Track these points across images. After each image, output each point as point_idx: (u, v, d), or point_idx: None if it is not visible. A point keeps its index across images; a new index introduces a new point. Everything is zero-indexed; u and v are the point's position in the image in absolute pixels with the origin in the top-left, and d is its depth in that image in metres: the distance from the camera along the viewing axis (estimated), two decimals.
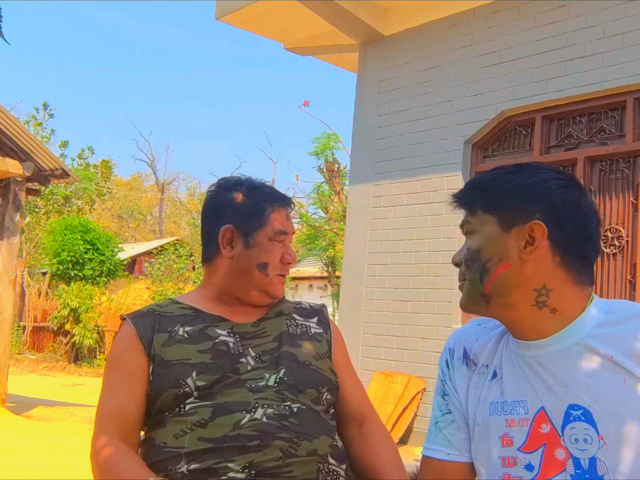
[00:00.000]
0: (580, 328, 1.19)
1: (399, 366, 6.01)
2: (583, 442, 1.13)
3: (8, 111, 7.84)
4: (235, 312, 1.63)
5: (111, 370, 1.55)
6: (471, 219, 1.26)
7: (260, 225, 1.60)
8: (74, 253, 15.31)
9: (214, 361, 1.51)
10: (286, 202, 1.67)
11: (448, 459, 1.30)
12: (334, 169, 13.43)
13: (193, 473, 1.39)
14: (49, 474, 5.08)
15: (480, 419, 1.25)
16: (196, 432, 1.43)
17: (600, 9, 5.13)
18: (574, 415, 1.15)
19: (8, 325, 7.87)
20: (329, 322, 1.73)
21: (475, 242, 1.24)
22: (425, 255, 5.98)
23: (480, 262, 1.22)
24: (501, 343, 1.29)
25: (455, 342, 1.36)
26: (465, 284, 1.26)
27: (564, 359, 1.18)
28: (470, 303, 1.26)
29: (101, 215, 31.79)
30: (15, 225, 7.82)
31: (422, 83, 6.26)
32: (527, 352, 1.22)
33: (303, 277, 21.86)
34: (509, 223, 1.21)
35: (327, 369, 1.61)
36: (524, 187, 1.22)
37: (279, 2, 6.60)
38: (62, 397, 10.19)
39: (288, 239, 1.64)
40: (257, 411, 1.44)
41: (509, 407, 1.22)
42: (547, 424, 1.17)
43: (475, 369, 1.30)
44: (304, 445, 1.44)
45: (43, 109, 23.70)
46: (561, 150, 5.43)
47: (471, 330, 1.36)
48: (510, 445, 1.19)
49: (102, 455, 1.44)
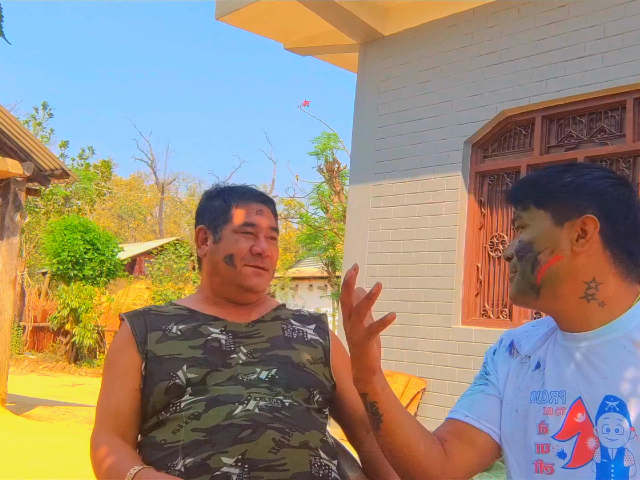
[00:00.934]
0: (626, 322, 1.21)
1: (399, 366, 6.01)
2: (615, 432, 1.16)
3: (8, 111, 7.84)
4: (229, 312, 1.66)
5: (107, 370, 1.60)
6: (523, 214, 1.29)
7: (226, 220, 1.67)
8: (74, 253, 15.30)
9: (205, 356, 1.54)
10: (254, 198, 1.70)
11: (464, 420, 1.31)
12: (334, 169, 13.43)
13: (189, 470, 1.40)
14: (49, 474, 5.08)
15: (520, 406, 1.28)
16: (191, 424, 1.45)
17: (600, 9, 5.13)
18: (609, 406, 1.17)
19: (8, 325, 7.87)
20: (327, 330, 1.74)
21: (528, 235, 1.27)
22: (425, 255, 5.98)
23: (532, 253, 1.25)
24: (550, 337, 1.32)
25: (506, 335, 1.41)
26: (516, 276, 1.28)
27: (608, 351, 1.20)
28: (520, 294, 1.29)
29: (101, 215, 31.79)
30: (15, 225, 7.82)
31: (422, 83, 6.26)
32: (572, 343, 1.25)
33: (303, 277, 21.87)
34: (562, 217, 1.24)
35: (320, 373, 1.62)
36: (578, 184, 1.26)
37: (279, 2, 6.61)
38: (62, 397, 10.19)
39: (260, 231, 1.66)
40: (250, 403, 1.47)
41: (548, 396, 1.25)
42: (582, 413, 1.20)
43: (518, 357, 1.34)
44: (296, 436, 1.45)
45: (43, 109, 23.69)
46: (561, 150, 5.43)
47: (524, 328, 1.40)
48: (546, 432, 1.22)
49: (98, 450, 1.48)
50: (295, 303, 20.24)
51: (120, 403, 1.53)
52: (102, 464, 1.45)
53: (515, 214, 1.32)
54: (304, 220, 15.83)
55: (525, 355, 1.33)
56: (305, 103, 14.02)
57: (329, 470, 1.48)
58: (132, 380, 1.54)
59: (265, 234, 1.67)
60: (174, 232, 32.72)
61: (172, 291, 16.44)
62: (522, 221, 1.29)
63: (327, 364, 1.66)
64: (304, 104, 14.03)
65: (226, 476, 1.37)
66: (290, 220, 24.06)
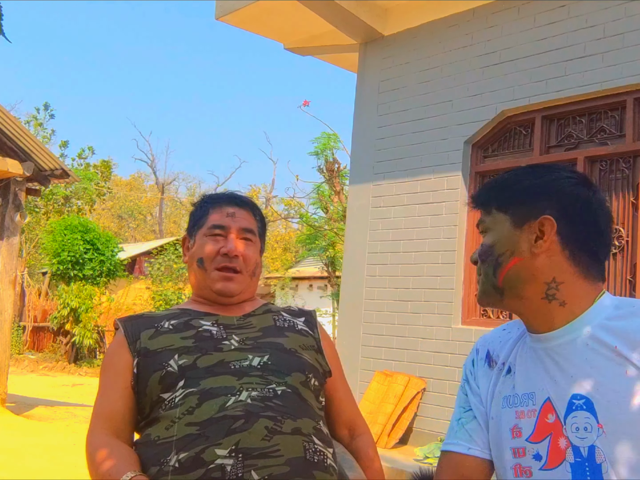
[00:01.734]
0: (588, 320, 1.22)
1: (399, 366, 6.01)
2: (583, 430, 1.16)
3: (8, 111, 7.84)
4: (220, 309, 1.69)
5: (102, 373, 1.64)
6: (486, 218, 1.32)
7: (200, 226, 1.72)
8: (74, 253, 15.30)
9: (197, 344, 1.57)
10: (227, 202, 1.72)
11: (469, 453, 1.31)
12: (334, 169, 13.43)
13: (183, 465, 1.40)
14: (49, 474, 5.08)
15: (495, 413, 1.29)
16: (184, 419, 1.46)
17: (600, 9, 5.13)
18: (576, 405, 1.18)
19: (8, 325, 7.86)
20: (316, 323, 1.77)
21: (489, 239, 1.30)
22: (425, 255, 5.98)
23: (493, 256, 1.28)
24: (519, 341, 1.33)
25: (481, 344, 1.41)
26: (480, 278, 1.32)
27: (572, 350, 1.21)
28: (485, 295, 1.32)
29: (101, 215, 31.78)
30: (15, 225, 7.81)
31: (422, 83, 6.26)
32: (538, 344, 1.26)
33: (303, 277, 21.86)
34: (521, 220, 1.26)
35: (313, 359, 1.64)
36: (536, 185, 1.27)
37: (279, 2, 6.60)
38: (62, 397, 10.19)
39: (229, 232, 1.68)
40: (242, 394, 1.47)
41: (519, 399, 1.25)
42: (552, 414, 1.20)
43: (496, 367, 1.35)
44: (288, 422, 1.46)
45: (44, 110, 23.69)
46: (561, 150, 5.43)
47: (496, 334, 1.41)
48: (520, 436, 1.23)
49: (95, 452, 1.49)
50: (296, 303, 20.23)
51: (114, 403, 1.56)
52: (99, 466, 1.45)
53: (479, 218, 1.35)
54: (304, 220, 15.84)
55: (501, 363, 1.34)
56: (305, 103, 14.01)
57: (324, 457, 1.48)
58: (124, 380, 1.57)
59: (236, 235, 1.68)
60: (174, 232, 32.71)
61: (172, 291, 16.45)
62: (484, 225, 1.32)
63: (319, 351, 1.69)
64: (304, 104, 14.03)
65: (221, 468, 1.37)
66: (290, 220, 24.08)
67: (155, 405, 1.52)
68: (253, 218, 1.74)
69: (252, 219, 1.73)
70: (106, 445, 1.48)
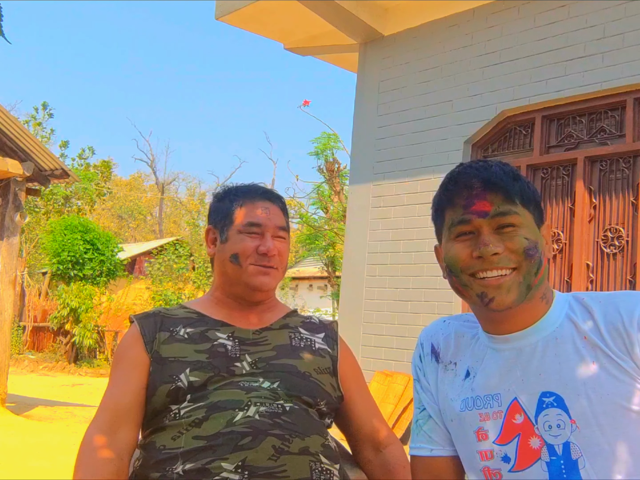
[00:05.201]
0: (555, 317, 1.21)
1: (399, 366, 6.01)
2: (556, 427, 1.15)
3: (8, 111, 7.83)
4: (237, 316, 1.65)
5: (114, 367, 1.61)
6: (515, 209, 1.18)
7: (232, 221, 1.66)
8: (74, 253, 15.30)
9: (210, 360, 1.54)
10: (259, 196, 1.69)
11: (431, 454, 1.31)
12: (334, 169, 13.43)
13: (188, 473, 1.40)
14: (49, 474, 5.08)
15: (454, 416, 1.27)
16: (191, 431, 1.45)
17: (600, 9, 5.13)
18: (546, 403, 1.16)
19: (8, 325, 7.86)
20: (337, 339, 1.72)
21: (530, 234, 1.19)
22: (425, 255, 5.98)
23: (538, 253, 1.19)
24: (471, 341, 1.30)
25: (425, 338, 1.38)
26: (514, 276, 1.17)
27: (541, 348, 1.20)
28: (520, 296, 1.18)
29: (101, 215, 31.78)
30: (15, 225, 7.81)
31: (422, 83, 6.26)
32: (502, 345, 1.23)
33: (303, 277, 21.88)
34: (539, 220, 1.24)
35: (327, 383, 1.61)
36: (536, 191, 1.27)
37: (279, 2, 6.61)
38: (62, 397, 10.19)
39: (266, 230, 1.65)
40: (250, 409, 1.46)
41: (482, 401, 1.23)
42: (520, 414, 1.18)
43: (442, 363, 1.32)
44: (296, 442, 1.45)
45: (43, 109, 23.68)
46: (561, 150, 5.43)
47: (437, 326, 1.38)
48: (486, 439, 1.21)
49: (83, 447, 1.47)
50: (295, 303, 20.23)
51: (120, 398, 1.53)
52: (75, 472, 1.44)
53: (499, 204, 1.18)
54: (304, 220, 15.84)
55: (449, 361, 1.31)
56: (305, 103, 14.03)
57: (330, 475, 1.47)
58: (138, 377, 1.54)
59: (272, 234, 1.65)
60: (174, 232, 32.71)
61: (172, 291, 16.43)
62: (517, 217, 1.18)
63: (334, 374, 1.64)
64: (304, 104, 14.05)
65: None
66: (290, 220, 24.06)
67: (160, 413, 1.51)
68: (283, 214, 1.72)
69: (283, 215, 1.72)
70: (90, 452, 1.45)
